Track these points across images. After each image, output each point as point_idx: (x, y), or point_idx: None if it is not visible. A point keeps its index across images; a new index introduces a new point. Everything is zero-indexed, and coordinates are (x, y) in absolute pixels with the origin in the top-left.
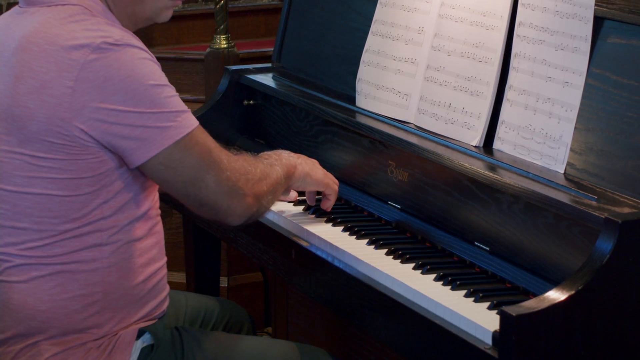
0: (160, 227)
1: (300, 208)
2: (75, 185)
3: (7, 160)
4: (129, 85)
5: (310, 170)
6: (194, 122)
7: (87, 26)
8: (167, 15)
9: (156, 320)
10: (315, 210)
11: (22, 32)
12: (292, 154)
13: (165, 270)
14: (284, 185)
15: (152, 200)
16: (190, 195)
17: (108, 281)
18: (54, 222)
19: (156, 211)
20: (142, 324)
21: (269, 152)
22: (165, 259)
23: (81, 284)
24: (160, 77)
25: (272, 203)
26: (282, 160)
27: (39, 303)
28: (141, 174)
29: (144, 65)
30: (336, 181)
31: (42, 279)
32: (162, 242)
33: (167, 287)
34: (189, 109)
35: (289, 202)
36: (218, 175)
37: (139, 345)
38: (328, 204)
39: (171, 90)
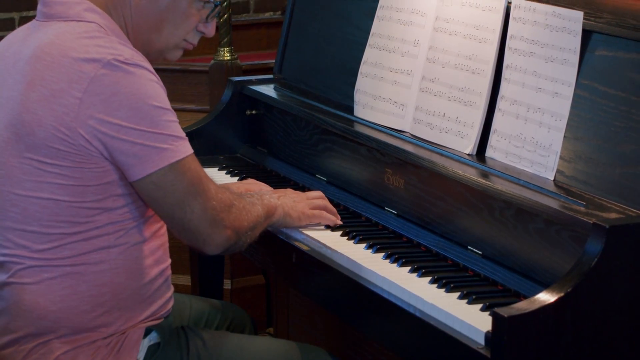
0: (164, 230)
1: None
2: (81, 192)
3: (17, 165)
4: (134, 103)
5: (290, 209)
6: (190, 150)
7: (99, 43)
8: (176, 54)
9: (162, 319)
10: None
11: (37, 43)
12: (273, 194)
13: (169, 271)
14: (263, 225)
15: None
16: (175, 219)
17: (116, 282)
18: (62, 225)
19: None
20: (149, 323)
21: (252, 192)
22: (169, 260)
23: (90, 285)
24: (164, 101)
25: (251, 240)
26: (263, 201)
27: (49, 304)
28: None
29: (150, 86)
30: (323, 206)
31: (52, 280)
32: (167, 244)
33: (172, 288)
34: (186, 138)
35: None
36: (205, 203)
37: (145, 343)
38: (331, 223)
39: (172, 116)
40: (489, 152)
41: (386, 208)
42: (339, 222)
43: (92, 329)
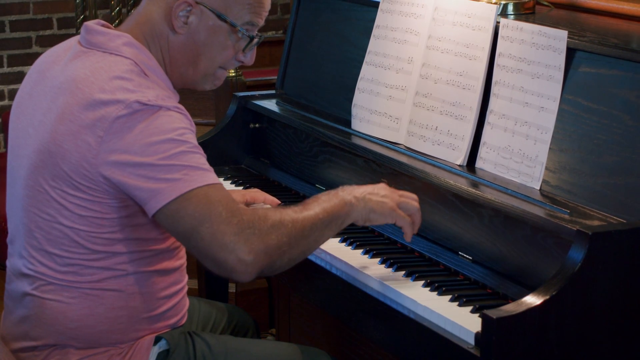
0: (183, 252)
1: None
2: (99, 224)
3: (42, 190)
4: (145, 137)
5: (375, 205)
6: (207, 180)
7: (128, 86)
8: (213, 84)
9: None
10: None
11: (75, 74)
12: (356, 188)
13: (185, 289)
14: (325, 227)
15: None
16: (192, 248)
17: (133, 306)
18: (81, 251)
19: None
20: (161, 332)
21: (327, 192)
22: (186, 278)
23: (108, 307)
24: (180, 134)
25: (302, 252)
26: (320, 204)
27: (68, 321)
28: None
29: (166, 120)
30: (415, 209)
31: (72, 299)
32: (185, 263)
33: (187, 303)
34: (204, 167)
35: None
36: (212, 227)
37: (155, 350)
38: (406, 237)
39: (186, 147)
40: (479, 163)
41: None
42: (413, 233)
43: (108, 344)
